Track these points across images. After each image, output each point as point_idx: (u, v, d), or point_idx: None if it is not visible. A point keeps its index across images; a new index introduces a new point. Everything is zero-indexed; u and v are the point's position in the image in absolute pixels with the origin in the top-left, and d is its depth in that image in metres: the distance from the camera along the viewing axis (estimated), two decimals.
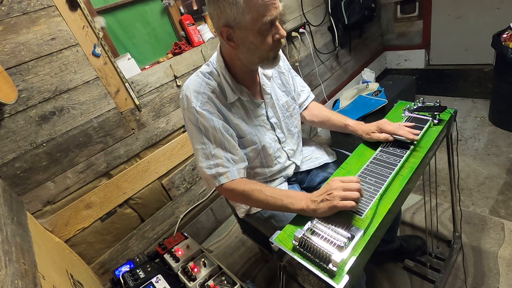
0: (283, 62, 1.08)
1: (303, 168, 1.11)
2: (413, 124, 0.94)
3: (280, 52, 0.89)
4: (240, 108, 0.94)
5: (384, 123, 0.95)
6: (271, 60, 0.86)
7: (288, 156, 1.06)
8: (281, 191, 0.84)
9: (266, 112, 0.99)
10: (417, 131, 0.91)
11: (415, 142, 0.89)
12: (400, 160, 0.84)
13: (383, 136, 0.93)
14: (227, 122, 0.90)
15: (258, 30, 0.76)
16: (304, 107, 1.17)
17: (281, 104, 1.03)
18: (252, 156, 0.98)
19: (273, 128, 1.01)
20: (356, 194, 0.70)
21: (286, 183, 1.08)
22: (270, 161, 1.01)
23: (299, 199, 0.78)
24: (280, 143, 1.03)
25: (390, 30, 3.13)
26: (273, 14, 0.75)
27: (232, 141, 0.89)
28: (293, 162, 1.08)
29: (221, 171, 0.87)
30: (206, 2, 0.78)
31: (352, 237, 0.65)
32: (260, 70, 0.98)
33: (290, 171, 1.08)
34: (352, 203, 0.69)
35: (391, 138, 0.92)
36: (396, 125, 0.94)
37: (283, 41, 0.83)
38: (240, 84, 0.92)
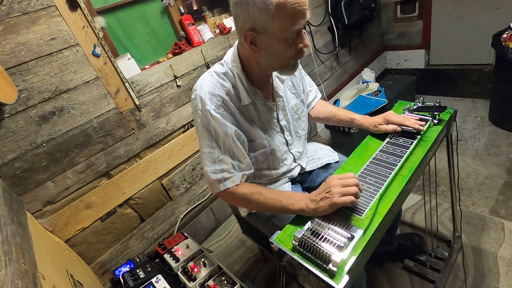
0: None
1: (307, 168, 1.12)
2: (418, 117, 0.96)
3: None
4: (252, 111, 0.92)
5: (390, 114, 0.97)
6: (291, 68, 0.85)
7: (294, 158, 1.06)
8: (280, 193, 0.84)
9: (277, 115, 0.98)
10: (423, 122, 0.93)
11: (421, 133, 0.91)
12: (400, 160, 0.84)
13: (391, 127, 0.95)
14: (239, 126, 0.88)
15: (284, 38, 0.75)
16: (311, 107, 1.17)
17: (290, 107, 1.02)
18: (260, 159, 0.98)
19: (282, 131, 1.01)
20: (354, 189, 0.70)
21: (290, 183, 1.08)
22: (277, 163, 1.01)
23: (299, 199, 0.78)
24: (287, 146, 1.03)
25: (390, 30, 3.13)
26: (301, 23, 0.74)
27: (242, 148, 0.87)
28: (299, 164, 1.08)
29: (226, 176, 0.86)
30: (233, 2, 0.76)
31: (352, 237, 0.65)
32: (274, 72, 0.97)
33: (295, 172, 1.08)
34: (352, 198, 0.70)
35: (399, 128, 0.94)
36: (402, 116, 0.96)
37: (306, 50, 0.82)
38: (254, 86, 0.90)
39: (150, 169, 1.60)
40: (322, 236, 0.66)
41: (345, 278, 0.59)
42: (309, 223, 0.70)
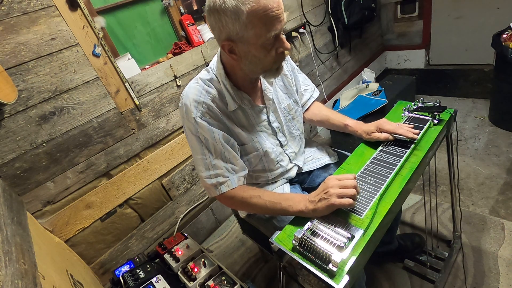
0: (286, 64, 1.05)
1: (305, 169, 1.11)
2: (412, 125, 0.94)
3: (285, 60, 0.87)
4: (241, 115, 0.92)
5: (383, 122, 0.95)
6: (274, 71, 0.84)
7: (290, 159, 1.06)
8: (279, 195, 0.84)
9: (268, 118, 0.97)
10: (417, 131, 0.91)
11: (415, 141, 0.89)
12: (400, 160, 0.84)
13: (383, 135, 0.93)
14: (228, 131, 0.88)
15: (262, 44, 0.74)
16: (306, 108, 1.16)
17: (283, 108, 1.02)
18: (254, 162, 0.97)
19: (275, 133, 1.00)
20: (352, 191, 0.70)
21: (288, 184, 1.07)
22: (272, 165, 1.01)
23: (298, 201, 0.78)
24: (282, 147, 1.03)
25: (390, 30, 3.13)
26: (277, 28, 0.73)
27: (233, 151, 0.87)
28: (295, 165, 1.08)
29: (221, 181, 0.86)
30: (207, 14, 0.75)
31: (352, 237, 0.65)
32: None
33: (293, 173, 1.07)
34: (349, 200, 0.69)
35: (391, 137, 0.92)
36: (396, 124, 0.94)
37: (287, 52, 0.81)
38: (241, 90, 0.90)
39: (150, 169, 1.60)
40: (322, 236, 0.66)
41: (345, 278, 0.59)
42: (309, 223, 0.70)
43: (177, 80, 1.63)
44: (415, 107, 1.03)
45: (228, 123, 0.89)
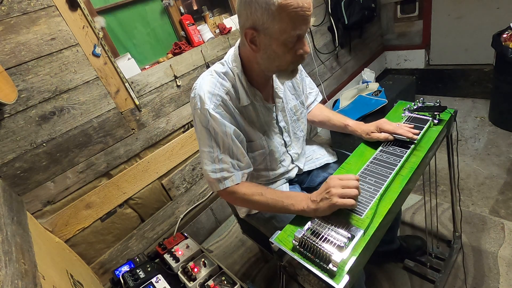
0: None
1: (305, 169, 1.11)
2: (412, 125, 0.95)
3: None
4: (251, 111, 0.92)
5: (383, 122, 0.96)
6: (289, 73, 0.84)
7: (292, 160, 1.06)
8: (281, 193, 0.84)
9: (276, 116, 0.98)
10: (417, 131, 0.91)
11: (415, 141, 0.89)
12: (400, 160, 0.84)
13: (383, 135, 0.93)
14: (238, 126, 0.88)
15: (284, 41, 0.74)
16: (309, 110, 1.16)
17: (289, 108, 1.02)
18: (258, 160, 0.97)
19: (281, 132, 1.00)
20: (354, 192, 0.70)
21: (288, 184, 1.08)
22: (274, 164, 1.01)
23: (300, 199, 0.78)
24: (286, 147, 1.03)
25: (390, 30, 3.13)
26: (303, 29, 0.73)
27: (241, 148, 0.87)
28: (297, 166, 1.08)
29: (226, 176, 0.86)
30: (238, 0, 0.75)
31: (352, 237, 0.65)
32: None
33: (293, 173, 1.08)
34: (351, 201, 0.69)
35: (391, 137, 0.92)
36: (395, 124, 0.94)
37: (306, 57, 0.81)
38: (254, 87, 0.90)
39: (150, 169, 1.60)
40: (322, 236, 0.66)
41: (345, 278, 0.59)
42: (309, 223, 0.70)
43: (177, 80, 1.63)
44: (415, 107, 1.03)
45: (239, 118, 0.88)
